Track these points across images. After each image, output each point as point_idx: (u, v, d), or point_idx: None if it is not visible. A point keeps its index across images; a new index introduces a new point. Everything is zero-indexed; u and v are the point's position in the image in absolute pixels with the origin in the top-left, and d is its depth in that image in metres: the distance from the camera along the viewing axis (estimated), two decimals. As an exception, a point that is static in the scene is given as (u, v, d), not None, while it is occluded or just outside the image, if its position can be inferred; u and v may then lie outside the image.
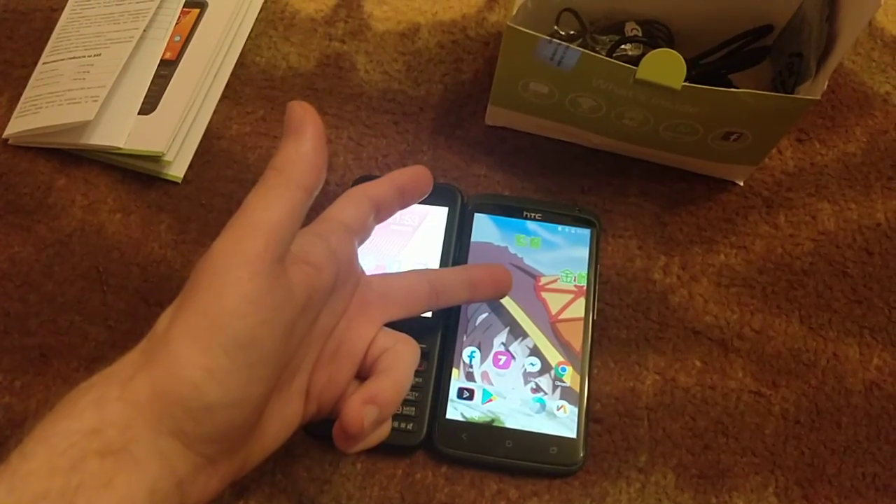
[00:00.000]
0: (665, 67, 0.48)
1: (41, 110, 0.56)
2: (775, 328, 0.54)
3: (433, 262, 0.53)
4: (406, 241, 0.54)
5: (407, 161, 0.58)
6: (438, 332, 0.51)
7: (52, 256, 0.55)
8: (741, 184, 0.59)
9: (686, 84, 0.48)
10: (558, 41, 0.48)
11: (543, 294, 0.53)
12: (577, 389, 0.50)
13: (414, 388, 0.50)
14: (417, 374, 0.50)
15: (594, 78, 0.50)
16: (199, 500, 0.36)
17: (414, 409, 0.49)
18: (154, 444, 0.33)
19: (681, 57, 0.48)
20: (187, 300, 0.34)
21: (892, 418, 0.52)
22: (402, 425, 0.49)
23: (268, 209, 0.36)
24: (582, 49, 0.48)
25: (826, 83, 0.49)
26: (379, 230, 0.52)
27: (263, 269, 0.34)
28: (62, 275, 0.54)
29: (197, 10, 0.60)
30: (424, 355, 0.50)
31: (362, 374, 0.43)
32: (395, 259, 0.53)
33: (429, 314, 0.52)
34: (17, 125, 0.57)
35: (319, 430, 0.48)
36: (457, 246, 0.54)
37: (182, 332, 0.33)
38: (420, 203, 0.53)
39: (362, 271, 0.45)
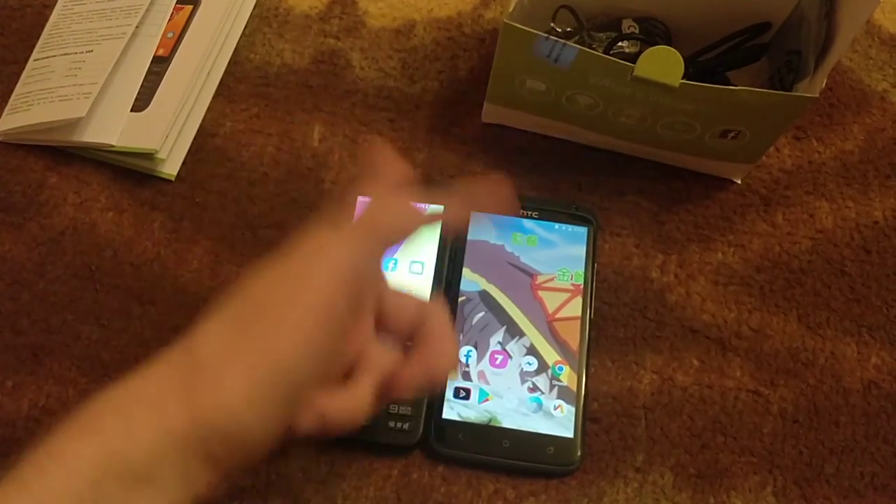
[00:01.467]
0: (663, 65, 0.48)
1: (32, 107, 0.55)
2: (773, 327, 0.54)
3: (429, 260, 0.53)
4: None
5: (403, 159, 0.58)
6: None
7: (43, 255, 0.54)
8: (739, 182, 0.58)
9: (684, 81, 0.48)
10: (555, 38, 0.48)
11: (540, 293, 0.52)
12: (575, 389, 0.50)
13: None
14: None
15: (591, 75, 0.50)
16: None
17: (411, 408, 0.49)
18: (182, 468, 0.32)
19: (678, 54, 0.48)
20: (247, 333, 0.33)
21: (891, 417, 0.52)
22: (399, 425, 0.49)
23: (355, 256, 0.35)
24: (579, 46, 0.48)
25: (824, 81, 0.48)
26: None
27: (334, 318, 0.34)
28: (54, 273, 0.54)
29: (190, 7, 0.60)
30: None
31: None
32: (392, 257, 0.53)
33: None
34: (8, 122, 0.56)
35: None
36: (451, 247, 0.53)
37: (238, 370, 0.33)
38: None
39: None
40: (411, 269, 0.53)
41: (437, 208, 0.41)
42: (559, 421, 0.49)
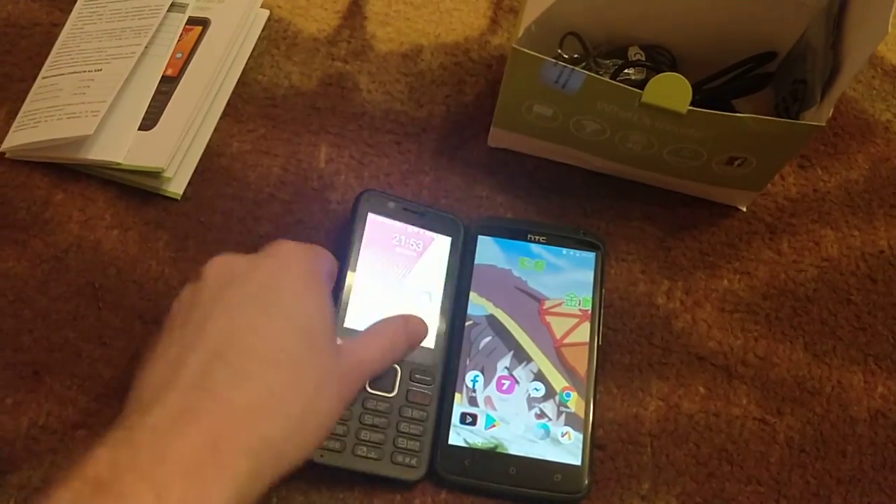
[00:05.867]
0: (670, 91, 0.48)
1: (40, 124, 0.55)
2: (779, 355, 0.54)
3: (436, 289, 0.52)
4: (411, 266, 0.53)
5: (409, 181, 0.58)
6: (440, 363, 0.50)
7: (47, 272, 0.54)
8: (744, 209, 0.59)
9: (691, 108, 0.48)
10: (563, 64, 0.48)
11: (548, 318, 0.52)
12: (582, 415, 0.49)
13: (416, 420, 0.49)
14: (420, 406, 0.49)
15: (599, 101, 0.50)
16: None
17: (417, 442, 0.48)
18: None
19: (686, 81, 0.48)
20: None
21: (898, 447, 0.51)
22: (405, 459, 0.48)
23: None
24: (587, 72, 0.48)
25: (831, 110, 0.49)
26: (384, 252, 0.52)
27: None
28: (57, 291, 0.53)
29: (199, 28, 0.60)
30: (427, 385, 0.49)
31: None
32: (400, 282, 0.52)
33: (431, 344, 0.51)
34: (15, 139, 0.56)
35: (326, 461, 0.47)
36: (459, 273, 0.53)
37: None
38: (425, 229, 0.53)
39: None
40: (418, 299, 0.52)
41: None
42: (567, 448, 0.48)
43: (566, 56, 0.59)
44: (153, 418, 0.34)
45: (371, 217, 0.53)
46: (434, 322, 0.51)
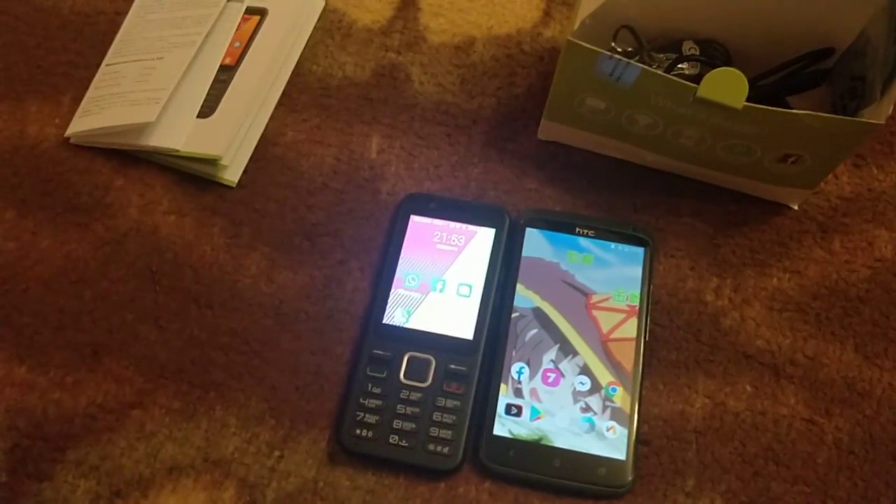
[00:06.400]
0: (727, 86, 0.48)
1: (103, 111, 0.57)
2: (829, 355, 0.53)
3: (478, 283, 0.53)
4: (451, 261, 0.53)
5: (458, 173, 0.58)
6: (479, 354, 0.51)
7: (107, 255, 0.55)
8: (795, 207, 0.58)
9: (747, 104, 0.47)
10: (619, 57, 0.48)
11: (594, 312, 0.52)
12: (628, 411, 0.49)
13: (451, 410, 0.49)
14: (454, 396, 0.49)
15: (653, 95, 0.50)
16: None
17: (451, 432, 0.49)
18: None
19: (743, 76, 0.47)
20: None
21: (950, 453, 0.50)
22: (437, 448, 0.48)
23: None
24: (642, 65, 0.48)
25: (891, 108, 0.48)
26: (424, 248, 0.53)
27: None
28: (116, 273, 0.55)
29: (257, 18, 0.61)
30: (462, 377, 0.50)
31: None
32: (441, 278, 0.53)
33: (469, 335, 0.51)
34: (80, 125, 0.58)
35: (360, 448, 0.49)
36: (503, 264, 0.54)
37: None
38: (467, 223, 0.54)
39: None
40: (459, 291, 0.53)
41: None
42: (611, 442, 0.49)
43: (620, 49, 0.58)
44: None
45: (413, 220, 0.54)
46: (472, 314, 0.52)
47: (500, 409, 0.49)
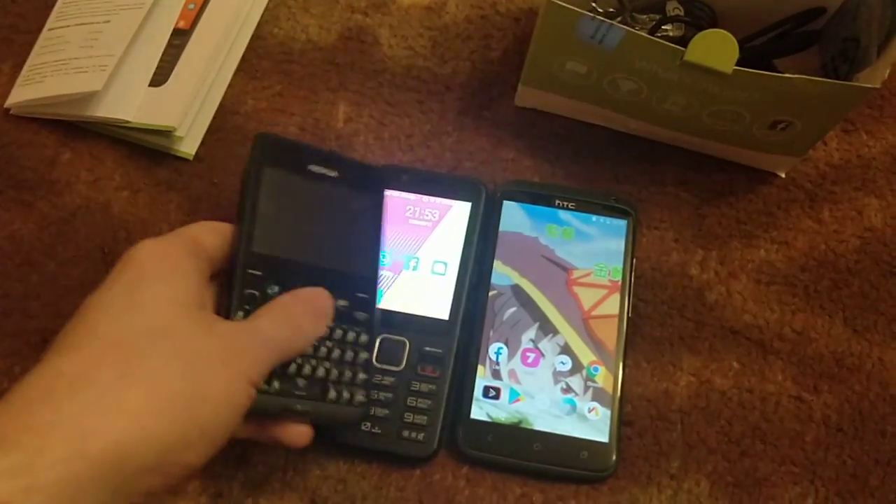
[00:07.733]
0: (715, 50, 0.45)
1: (46, 79, 0.53)
2: (817, 329, 0.52)
3: (453, 260, 0.50)
4: (425, 237, 0.51)
5: (431, 143, 0.56)
6: (455, 335, 0.49)
7: (54, 235, 0.52)
8: (783, 175, 0.56)
9: (737, 68, 0.45)
10: (601, 18, 0.45)
11: (575, 288, 0.50)
12: (610, 391, 0.48)
13: (426, 395, 0.47)
14: (430, 380, 0.47)
15: (637, 59, 0.47)
16: None
17: (426, 417, 0.47)
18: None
19: (733, 39, 0.45)
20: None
21: (941, 429, 0.49)
22: (412, 434, 0.46)
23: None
24: (626, 27, 0.45)
25: (887, 71, 0.45)
26: (396, 224, 0.50)
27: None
28: (65, 255, 0.52)
29: (212, -23, 0.57)
30: (438, 359, 0.48)
31: None
32: (413, 255, 0.50)
33: (445, 315, 0.49)
34: (20, 94, 0.54)
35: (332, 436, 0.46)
36: (480, 240, 0.51)
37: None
38: (441, 197, 0.51)
39: None
40: (433, 269, 0.50)
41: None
42: (594, 424, 0.47)
43: (601, 10, 0.55)
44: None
45: (384, 194, 0.51)
46: (448, 293, 0.50)
47: (478, 391, 0.47)
